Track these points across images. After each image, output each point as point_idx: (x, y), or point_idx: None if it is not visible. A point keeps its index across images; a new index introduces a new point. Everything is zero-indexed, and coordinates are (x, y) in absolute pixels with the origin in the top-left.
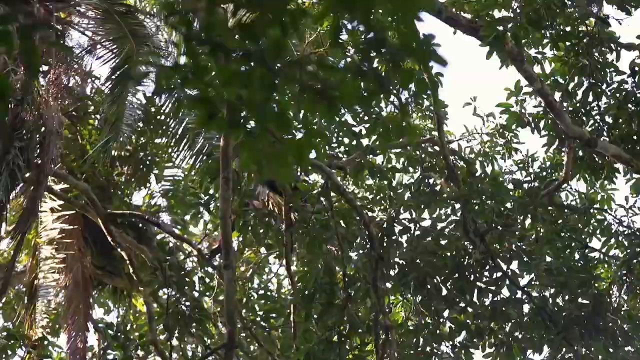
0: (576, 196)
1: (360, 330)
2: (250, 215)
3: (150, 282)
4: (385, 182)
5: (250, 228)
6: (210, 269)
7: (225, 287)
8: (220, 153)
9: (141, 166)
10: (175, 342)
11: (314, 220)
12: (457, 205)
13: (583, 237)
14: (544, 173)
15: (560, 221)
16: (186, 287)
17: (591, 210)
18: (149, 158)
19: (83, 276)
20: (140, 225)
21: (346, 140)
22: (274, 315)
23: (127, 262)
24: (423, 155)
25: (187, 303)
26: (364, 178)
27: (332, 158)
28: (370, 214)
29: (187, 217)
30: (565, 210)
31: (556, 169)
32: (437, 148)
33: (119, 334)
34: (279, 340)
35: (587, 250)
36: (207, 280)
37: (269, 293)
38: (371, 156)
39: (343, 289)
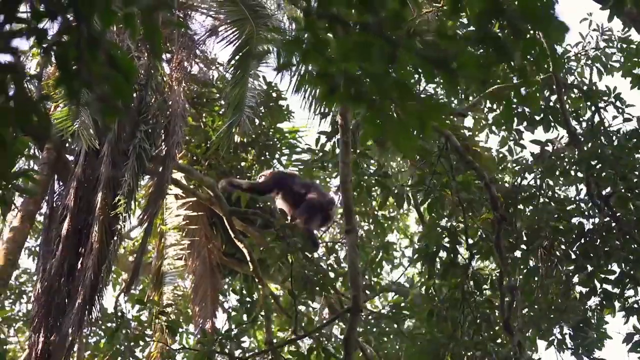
0: None
1: (484, 289)
2: (367, 177)
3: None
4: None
5: (366, 190)
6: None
7: (349, 252)
8: (339, 116)
9: (265, 151)
10: (301, 307)
11: (434, 181)
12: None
13: None
14: None
15: None
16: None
17: None
18: (272, 143)
19: (210, 263)
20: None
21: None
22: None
23: (247, 257)
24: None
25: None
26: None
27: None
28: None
29: None
30: None
31: None
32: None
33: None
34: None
35: None
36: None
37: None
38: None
39: (466, 248)
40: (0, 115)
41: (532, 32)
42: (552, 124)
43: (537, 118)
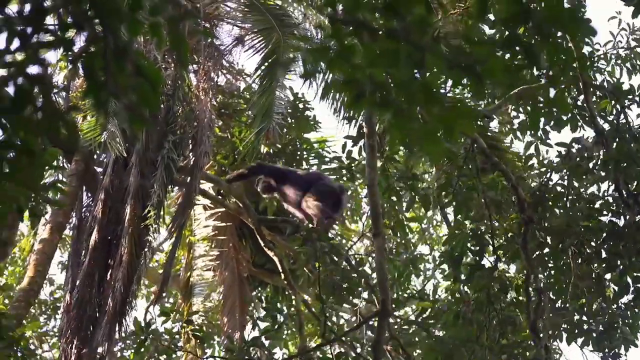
0: None
1: (509, 292)
2: (394, 179)
3: (304, 283)
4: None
5: (394, 192)
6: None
7: (376, 256)
8: (365, 120)
9: (292, 162)
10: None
11: (460, 184)
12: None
13: None
14: None
15: None
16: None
17: None
18: (299, 153)
19: (238, 274)
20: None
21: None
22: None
23: (279, 265)
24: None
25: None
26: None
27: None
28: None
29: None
30: None
31: None
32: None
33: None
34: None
35: None
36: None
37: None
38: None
39: (492, 250)
40: (28, 127)
41: (558, 34)
42: (580, 123)
43: (564, 118)
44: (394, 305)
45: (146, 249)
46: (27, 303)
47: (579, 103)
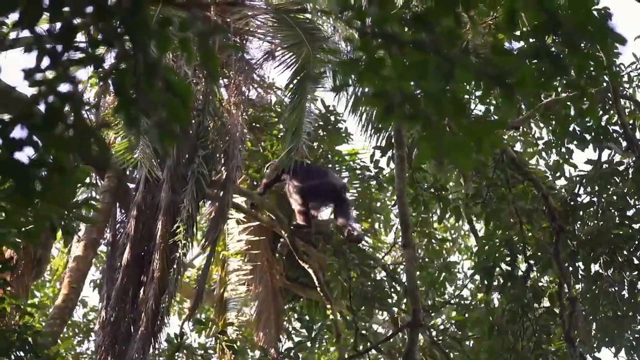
0: None
1: (543, 302)
2: (422, 190)
3: (338, 295)
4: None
5: (423, 203)
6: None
7: (406, 266)
8: (394, 131)
9: None
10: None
11: (490, 194)
12: None
13: None
14: None
15: None
16: (368, 269)
17: None
18: (330, 166)
19: (272, 287)
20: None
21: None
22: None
23: (314, 277)
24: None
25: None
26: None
27: None
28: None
29: (377, 226)
30: None
31: None
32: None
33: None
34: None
35: None
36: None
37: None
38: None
39: (524, 260)
40: (60, 144)
41: (587, 44)
42: (603, 143)
43: (588, 137)
44: (430, 312)
45: (177, 265)
46: (62, 321)
47: (602, 122)
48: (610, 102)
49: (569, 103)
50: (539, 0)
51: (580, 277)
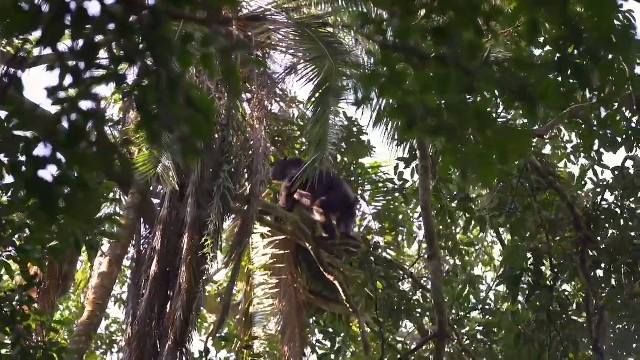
0: None
1: (570, 311)
2: (447, 200)
3: (365, 308)
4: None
5: (448, 214)
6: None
7: (432, 278)
8: (417, 143)
9: None
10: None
11: (515, 204)
12: None
13: None
14: None
15: None
16: (394, 281)
17: None
18: (354, 179)
19: (297, 301)
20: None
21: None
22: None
23: (340, 289)
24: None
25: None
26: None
27: None
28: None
29: (401, 239)
30: None
31: None
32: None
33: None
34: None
35: None
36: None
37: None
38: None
39: (550, 269)
40: (83, 161)
41: (609, 55)
42: (635, 145)
43: (619, 140)
44: (455, 326)
45: (204, 279)
46: (88, 337)
47: (633, 125)
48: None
49: (592, 113)
50: (560, 10)
51: (603, 287)
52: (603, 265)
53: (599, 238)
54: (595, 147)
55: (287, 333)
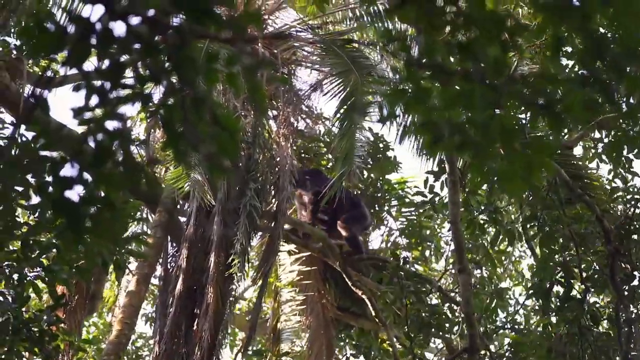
0: None
1: (601, 324)
2: (478, 214)
3: (392, 323)
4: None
5: (477, 226)
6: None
7: (462, 291)
8: (446, 156)
9: (374, 203)
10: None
11: (545, 217)
12: None
13: None
14: None
15: None
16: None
17: None
18: (380, 195)
19: (324, 317)
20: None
21: None
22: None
23: (369, 304)
24: None
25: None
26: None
27: None
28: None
29: (428, 254)
30: None
31: None
32: None
33: None
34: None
35: None
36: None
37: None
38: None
39: (580, 282)
40: (110, 181)
41: (635, 68)
42: None
43: None
44: (484, 339)
45: (231, 298)
46: (117, 356)
47: None
48: None
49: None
50: (581, 23)
51: (636, 300)
52: (636, 277)
53: (630, 251)
54: (624, 153)
55: (314, 349)
